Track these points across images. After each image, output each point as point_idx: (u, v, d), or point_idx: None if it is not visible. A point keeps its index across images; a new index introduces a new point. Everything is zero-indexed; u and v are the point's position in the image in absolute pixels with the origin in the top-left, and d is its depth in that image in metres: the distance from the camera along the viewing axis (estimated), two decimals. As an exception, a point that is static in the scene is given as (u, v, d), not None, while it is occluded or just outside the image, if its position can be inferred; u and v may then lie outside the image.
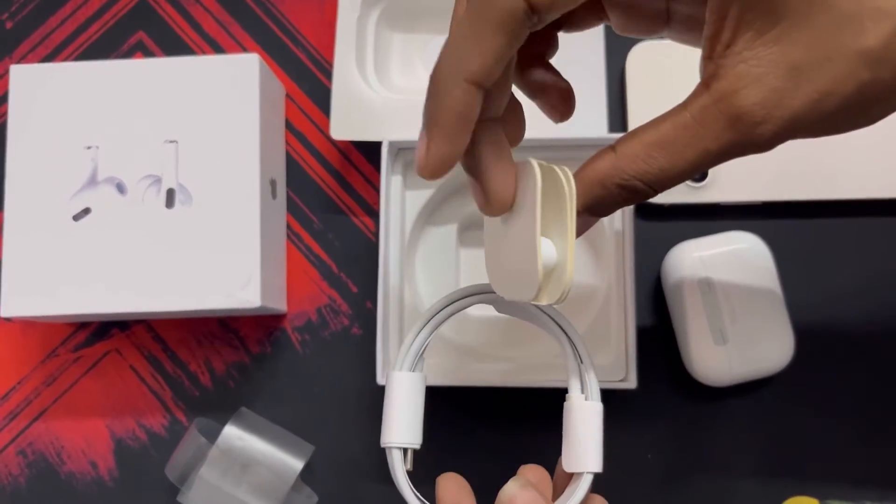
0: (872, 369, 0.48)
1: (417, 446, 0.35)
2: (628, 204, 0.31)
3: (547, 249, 0.30)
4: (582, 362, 0.34)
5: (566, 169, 0.30)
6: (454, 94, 0.28)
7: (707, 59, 0.29)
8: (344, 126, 0.48)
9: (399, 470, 0.34)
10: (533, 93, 0.34)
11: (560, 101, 0.34)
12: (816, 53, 0.26)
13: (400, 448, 0.34)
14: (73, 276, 0.45)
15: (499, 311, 0.36)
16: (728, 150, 0.28)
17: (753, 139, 0.28)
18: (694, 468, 0.47)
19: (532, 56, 0.33)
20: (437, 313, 0.35)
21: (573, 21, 0.34)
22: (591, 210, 0.31)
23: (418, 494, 0.34)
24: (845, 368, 0.48)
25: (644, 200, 0.30)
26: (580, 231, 0.31)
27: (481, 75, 0.28)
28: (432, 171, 0.29)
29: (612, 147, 0.30)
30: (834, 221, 0.49)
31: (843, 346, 0.48)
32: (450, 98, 0.28)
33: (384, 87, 0.50)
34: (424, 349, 0.35)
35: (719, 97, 0.28)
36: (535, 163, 0.30)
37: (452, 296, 0.35)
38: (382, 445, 0.34)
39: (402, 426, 0.34)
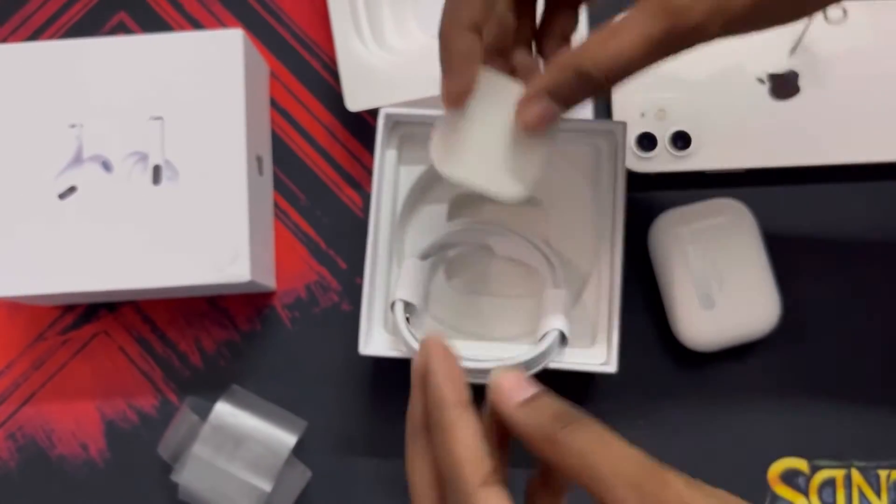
0: (856, 333, 0.48)
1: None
2: (585, 93, 0.34)
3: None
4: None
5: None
6: (455, 41, 0.34)
7: None
8: (358, 97, 0.48)
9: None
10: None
11: None
12: None
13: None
14: (61, 255, 0.45)
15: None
16: (667, 37, 0.31)
17: (686, 23, 0.31)
18: (683, 433, 0.48)
19: (554, 35, 0.38)
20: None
21: None
22: (553, 94, 0.34)
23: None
24: (830, 332, 0.48)
25: (598, 89, 0.33)
26: (545, 119, 0.35)
27: (475, 21, 0.34)
28: (452, 102, 0.36)
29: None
30: (818, 187, 0.49)
31: (828, 310, 0.48)
32: (453, 45, 0.35)
33: (386, 52, 0.50)
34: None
35: None
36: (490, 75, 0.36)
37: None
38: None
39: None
